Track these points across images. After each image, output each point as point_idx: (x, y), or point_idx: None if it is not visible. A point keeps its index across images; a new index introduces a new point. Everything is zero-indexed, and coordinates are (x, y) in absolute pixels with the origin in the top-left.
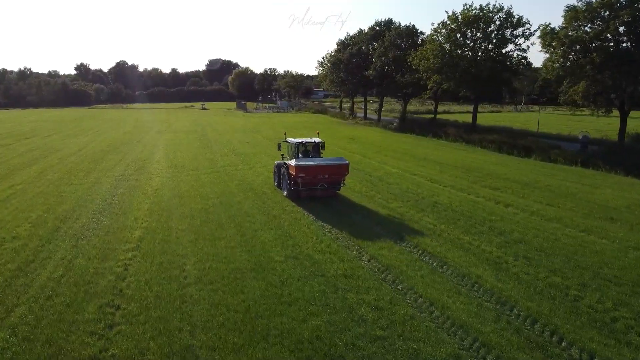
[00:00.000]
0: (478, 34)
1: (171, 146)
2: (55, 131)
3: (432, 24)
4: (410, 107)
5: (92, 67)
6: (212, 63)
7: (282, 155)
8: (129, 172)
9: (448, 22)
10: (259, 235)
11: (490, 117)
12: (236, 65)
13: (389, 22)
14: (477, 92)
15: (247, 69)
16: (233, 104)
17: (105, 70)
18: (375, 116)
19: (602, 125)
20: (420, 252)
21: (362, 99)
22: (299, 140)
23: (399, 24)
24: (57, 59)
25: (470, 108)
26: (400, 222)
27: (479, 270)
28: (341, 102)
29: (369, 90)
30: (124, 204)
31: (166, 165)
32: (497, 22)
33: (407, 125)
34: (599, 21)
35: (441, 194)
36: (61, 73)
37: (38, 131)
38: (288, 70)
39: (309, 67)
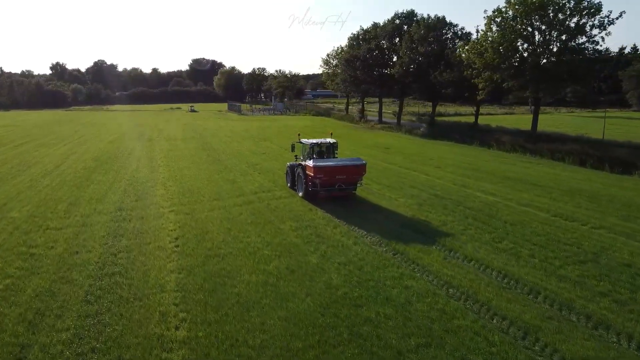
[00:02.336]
0: (542, 25)
1: (173, 160)
2: (26, 139)
3: (485, 11)
4: (409, 109)
5: (69, 66)
6: (199, 63)
7: (296, 156)
8: (128, 205)
9: (505, 9)
10: None
11: (510, 119)
12: (221, 65)
13: (410, 14)
14: (551, 92)
15: (233, 68)
16: (223, 106)
17: (83, 70)
18: (388, 120)
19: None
20: None
21: (370, 101)
22: (314, 141)
23: (428, 15)
24: (31, 57)
25: (472, 109)
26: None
27: None
28: (348, 103)
29: (388, 90)
30: (135, 273)
31: (176, 191)
32: (568, 9)
33: (438, 130)
34: None
35: (618, 248)
36: (35, 73)
37: (6, 139)
38: (280, 70)
39: (299, 66)
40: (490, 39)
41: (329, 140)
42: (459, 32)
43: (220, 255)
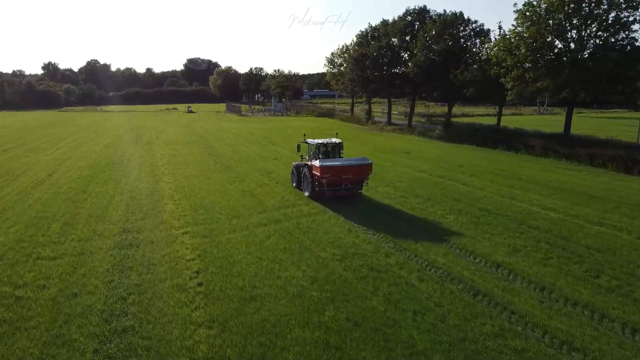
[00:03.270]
0: (576, 20)
1: (177, 167)
2: (16, 143)
3: (515, 4)
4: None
5: (61, 66)
6: (195, 63)
7: (302, 156)
8: (133, 224)
9: (537, 2)
10: None
11: (523, 120)
12: (216, 65)
13: (422, 11)
14: (592, 93)
15: (229, 68)
16: (220, 106)
17: (76, 69)
18: (397, 121)
19: None
20: None
21: (375, 101)
22: (320, 141)
23: (445, 11)
24: (22, 57)
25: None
26: None
27: None
28: (353, 104)
29: (399, 90)
30: (153, 329)
31: (187, 206)
32: (605, 2)
33: (455, 133)
34: None
35: None
36: (27, 72)
37: None
38: (279, 70)
39: (295, 66)
40: (522, 34)
41: (335, 140)
42: (478, 29)
43: (256, 297)
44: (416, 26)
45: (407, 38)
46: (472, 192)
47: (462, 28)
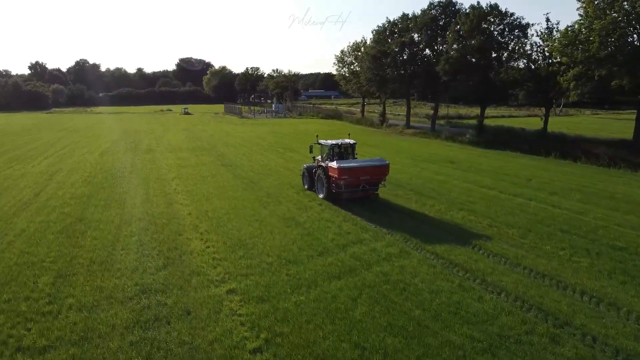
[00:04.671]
0: None
1: (190, 183)
2: None
3: None
4: (417, 110)
5: (49, 66)
6: (190, 63)
7: (314, 157)
8: (154, 277)
9: None
10: None
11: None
12: (209, 65)
13: (449, 4)
14: None
15: (224, 68)
16: (216, 107)
17: (64, 69)
18: (414, 123)
19: None
20: None
21: (371, 102)
22: (334, 142)
23: (479, 3)
24: (8, 56)
25: (490, 110)
26: None
27: None
28: (363, 106)
29: (423, 90)
30: None
31: (220, 244)
32: None
33: (490, 137)
34: None
35: None
36: (13, 72)
37: None
38: (278, 69)
39: (289, 66)
40: (594, 26)
41: (349, 140)
42: (516, 22)
43: None
44: (441, 21)
45: (429, 33)
46: (576, 220)
47: (497, 21)
